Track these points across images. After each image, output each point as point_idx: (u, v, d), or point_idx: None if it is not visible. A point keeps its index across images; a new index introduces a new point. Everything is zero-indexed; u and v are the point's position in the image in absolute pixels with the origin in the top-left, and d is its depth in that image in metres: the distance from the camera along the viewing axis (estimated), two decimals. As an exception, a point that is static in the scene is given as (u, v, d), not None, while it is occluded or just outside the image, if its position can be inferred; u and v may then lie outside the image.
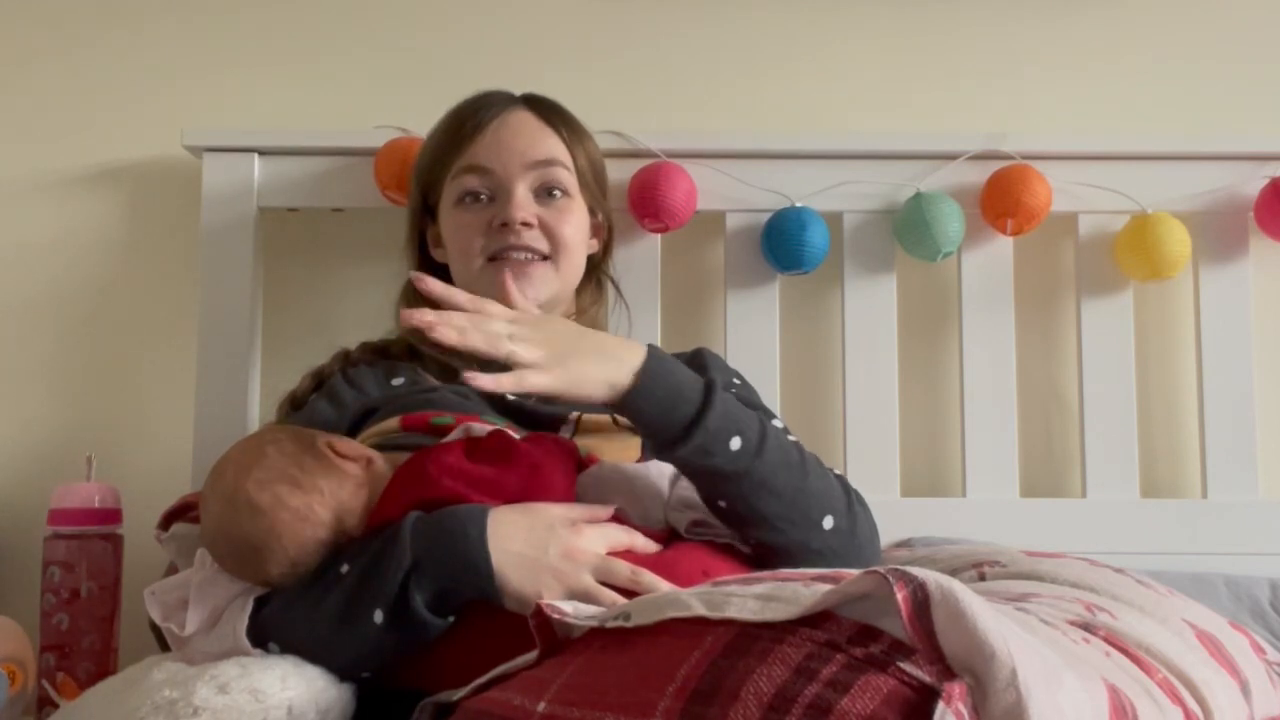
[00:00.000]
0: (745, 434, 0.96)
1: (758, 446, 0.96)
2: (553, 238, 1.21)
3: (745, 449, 0.96)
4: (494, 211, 1.20)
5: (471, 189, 1.21)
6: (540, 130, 1.24)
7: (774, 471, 0.97)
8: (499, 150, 1.21)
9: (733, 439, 0.95)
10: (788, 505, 0.97)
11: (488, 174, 1.21)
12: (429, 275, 0.97)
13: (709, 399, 0.95)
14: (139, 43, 1.60)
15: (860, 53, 1.61)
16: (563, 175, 1.23)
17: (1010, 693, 0.54)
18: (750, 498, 0.96)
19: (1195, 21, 1.61)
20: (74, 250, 1.57)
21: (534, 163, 1.21)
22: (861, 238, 1.50)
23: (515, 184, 1.20)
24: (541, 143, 1.23)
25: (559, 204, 1.22)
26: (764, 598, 0.62)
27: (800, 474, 0.99)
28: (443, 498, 0.94)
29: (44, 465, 1.52)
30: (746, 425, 0.97)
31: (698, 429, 0.94)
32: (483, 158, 1.21)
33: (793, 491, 0.98)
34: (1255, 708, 0.81)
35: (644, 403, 0.95)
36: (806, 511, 0.98)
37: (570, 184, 1.24)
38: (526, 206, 1.20)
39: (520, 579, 0.90)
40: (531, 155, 1.21)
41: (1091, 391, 1.48)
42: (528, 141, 1.22)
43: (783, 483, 0.97)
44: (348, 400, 1.19)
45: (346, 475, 0.97)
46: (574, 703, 0.61)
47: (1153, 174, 1.50)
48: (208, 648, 0.93)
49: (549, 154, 1.22)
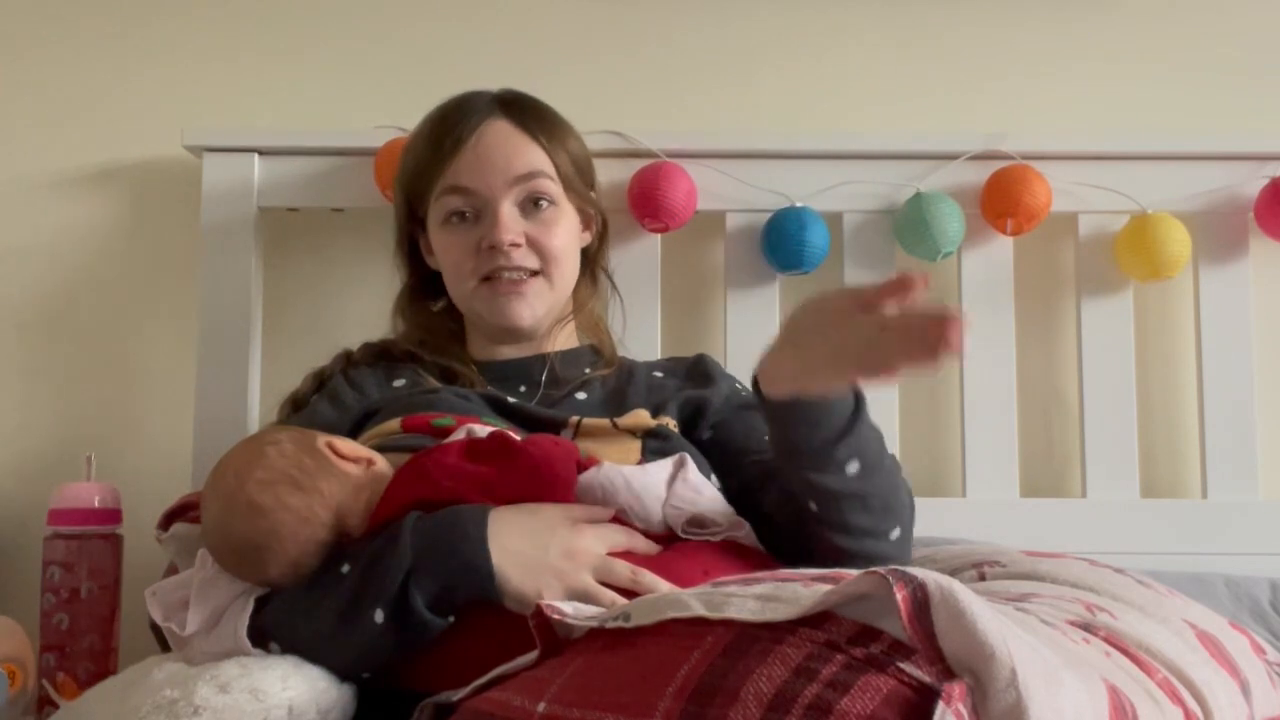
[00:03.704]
0: (864, 456, 0.95)
1: (873, 467, 0.96)
2: (542, 252, 1.21)
3: (862, 471, 0.95)
4: (481, 231, 1.20)
5: (456, 209, 1.21)
6: (519, 141, 1.22)
7: (875, 493, 0.97)
8: (480, 168, 1.19)
9: (851, 462, 0.94)
10: (875, 520, 0.98)
11: (471, 194, 1.20)
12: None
13: (858, 413, 0.93)
14: (139, 43, 1.60)
15: (860, 53, 1.61)
16: (547, 185, 1.22)
17: (1010, 693, 0.54)
18: (842, 507, 0.97)
19: (1195, 22, 1.61)
20: (74, 250, 1.57)
21: (516, 178, 1.20)
22: (861, 238, 1.50)
23: (500, 203, 1.19)
24: (522, 155, 1.21)
25: (545, 215, 1.22)
26: (764, 598, 0.62)
27: (893, 494, 0.99)
28: (443, 498, 0.94)
29: (44, 465, 1.52)
30: (868, 449, 0.95)
31: (844, 447, 0.93)
32: (465, 178, 1.19)
33: (882, 509, 0.98)
34: (1255, 708, 0.81)
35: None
36: (887, 527, 0.99)
37: (555, 192, 1.22)
38: (513, 227, 1.19)
39: (520, 579, 0.90)
40: (513, 170, 1.20)
41: (1091, 391, 1.49)
42: (508, 156, 1.20)
43: (878, 504, 0.98)
44: (349, 401, 1.19)
45: (347, 476, 0.97)
46: (574, 703, 0.61)
47: (1153, 174, 1.50)
48: (208, 648, 0.93)
49: (530, 167, 1.21)
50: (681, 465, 1.02)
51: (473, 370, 1.22)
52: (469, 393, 1.15)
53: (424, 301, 1.31)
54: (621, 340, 1.35)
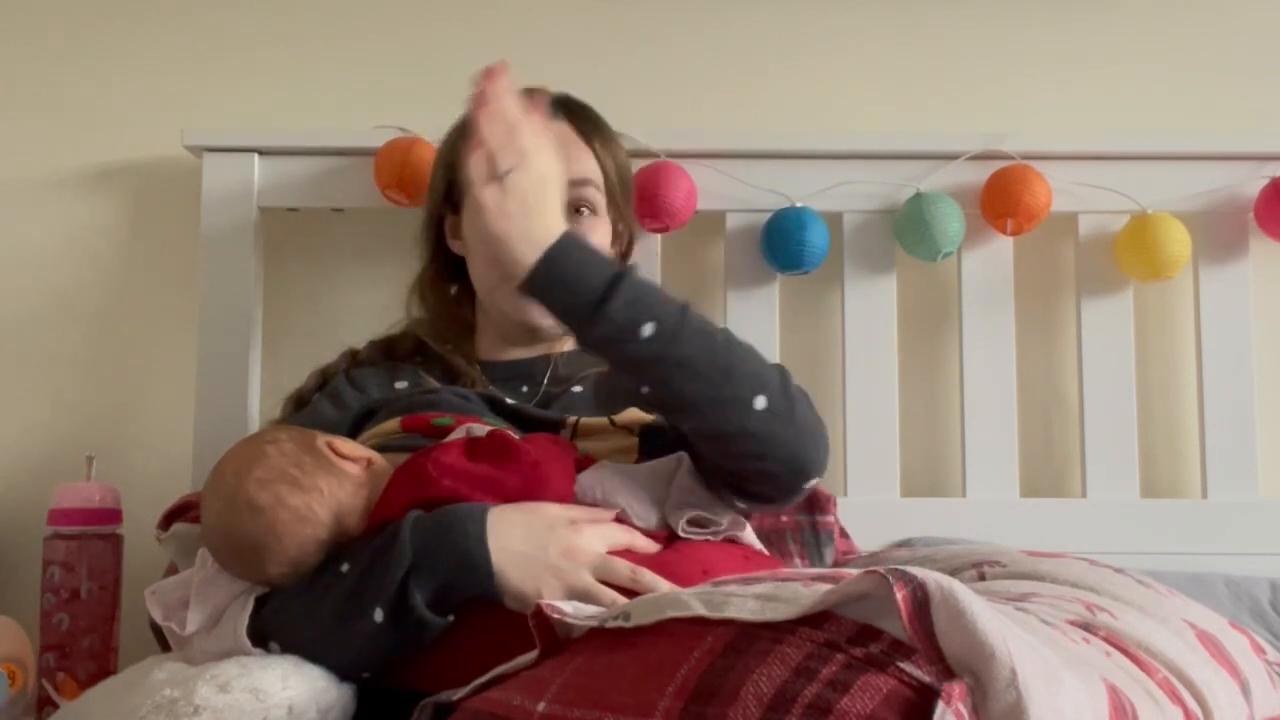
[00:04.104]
0: (661, 319, 0.95)
1: (674, 331, 0.95)
2: None
3: (660, 334, 0.95)
4: None
5: None
6: (577, 147, 1.23)
7: (694, 354, 0.96)
8: None
9: (644, 325, 0.95)
10: (713, 386, 0.96)
11: None
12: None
13: (615, 287, 0.94)
14: (139, 43, 1.60)
15: (860, 53, 1.61)
16: (593, 195, 1.23)
17: (1010, 693, 0.54)
18: (670, 381, 0.96)
19: (1195, 22, 1.61)
20: (74, 250, 1.57)
21: (567, 182, 1.20)
22: (861, 238, 1.50)
23: None
24: (577, 161, 1.22)
25: (585, 222, 1.22)
26: (764, 598, 0.62)
27: (725, 355, 0.98)
28: (442, 497, 0.94)
29: (44, 465, 1.52)
30: (662, 312, 0.96)
31: (600, 316, 0.94)
32: None
33: (717, 373, 0.96)
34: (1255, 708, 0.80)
35: (544, 289, 0.95)
36: (736, 392, 0.97)
37: (599, 202, 1.24)
38: None
39: (520, 578, 0.90)
40: (566, 174, 1.20)
41: (1091, 391, 1.49)
42: (564, 158, 1.20)
43: (704, 364, 0.96)
44: (350, 401, 1.19)
45: (346, 475, 0.97)
46: (574, 703, 0.61)
47: (1153, 174, 1.50)
48: (208, 647, 0.93)
49: (583, 174, 1.22)
50: (680, 464, 1.02)
51: (475, 370, 1.23)
52: (468, 393, 1.15)
53: (443, 284, 1.31)
54: None
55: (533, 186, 0.96)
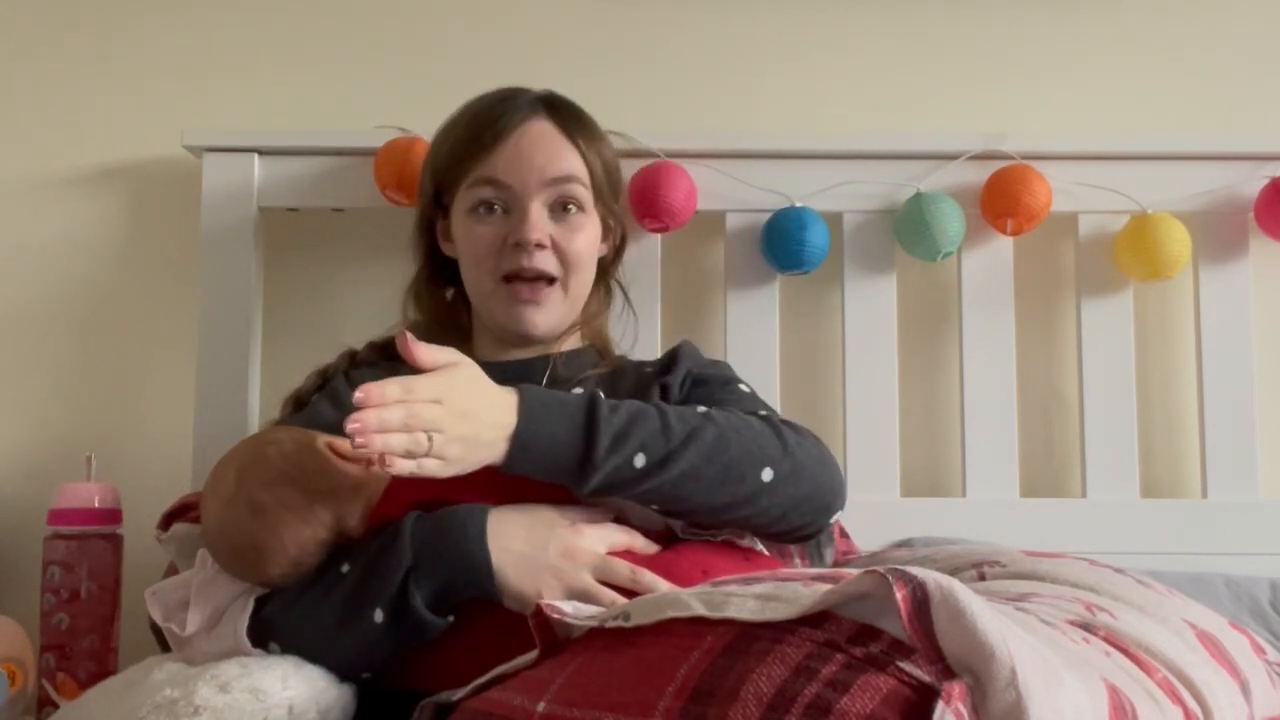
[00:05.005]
0: (647, 446, 0.94)
1: (665, 452, 0.95)
2: (564, 257, 1.20)
3: (651, 461, 0.94)
4: (508, 227, 1.19)
5: (486, 200, 1.20)
6: (559, 144, 1.22)
7: (692, 462, 0.95)
8: (518, 164, 1.19)
9: (634, 459, 0.94)
10: (720, 483, 0.96)
11: (504, 188, 1.19)
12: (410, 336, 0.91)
13: (593, 434, 0.93)
14: (139, 43, 1.60)
15: (860, 52, 1.61)
16: (578, 191, 1.22)
17: (1010, 692, 0.54)
18: (679, 494, 0.96)
19: (1195, 21, 1.61)
20: (74, 250, 1.57)
21: (552, 180, 1.20)
22: (861, 238, 1.50)
23: (531, 201, 1.19)
24: (560, 158, 1.21)
25: (572, 220, 1.21)
26: (763, 597, 0.62)
27: (719, 447, 0.97)
28: (442, 498, 0.94)
29: (44, 465, 1.52)
30: (646, 436, 0.95)
31: (590, 469, 0.93)
32: (501, 171, 1.19)
33: (719, 468, 0.96)
34: (1255, 708, 0.81)
35: (527, 469, 0.93)
36: (742, 475, 0.97)
37: (585, 199, 1.23)
38: (540, 227, 1.18)
39: (520, 578, 0.90)
40: (550, 172, 1.20)
41: (1091, 391, 1.48)
42: (546, 156, 1.20)
43: (704, 466, 0.96)
44: (349, 402, 1.18)
45: (346, 476, 0.97)
46: (574, 703, 0.61)
47: (1153, 174, 1.50)
48: (208, 648, 0.93)
49: (566, 170, 1.21)
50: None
51: (475, 371, 1.22)
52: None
53: (438, 288, 1.31)
54: (628, 352, 1.35)
55: (454, 425, 0.89)
